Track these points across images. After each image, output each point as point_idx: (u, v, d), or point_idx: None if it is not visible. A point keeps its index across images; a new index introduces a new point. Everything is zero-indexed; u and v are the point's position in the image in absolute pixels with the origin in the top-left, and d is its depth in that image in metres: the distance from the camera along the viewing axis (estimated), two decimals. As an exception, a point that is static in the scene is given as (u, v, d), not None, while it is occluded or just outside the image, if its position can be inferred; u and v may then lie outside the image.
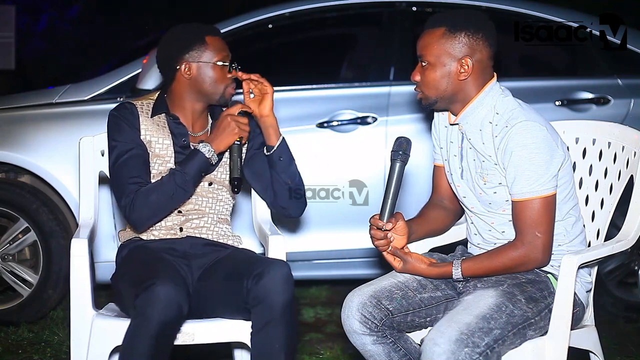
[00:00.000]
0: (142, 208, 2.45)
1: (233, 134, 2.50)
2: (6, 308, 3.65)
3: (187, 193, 2.51)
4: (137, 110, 2.58)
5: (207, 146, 2.48)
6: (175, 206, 2.53)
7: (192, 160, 2.48)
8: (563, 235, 2.32)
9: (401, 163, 2.27)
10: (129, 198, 2.45)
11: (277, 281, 2.31)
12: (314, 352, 3.36)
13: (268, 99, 2.57)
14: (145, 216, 2.48)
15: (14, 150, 3.61)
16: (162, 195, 2.46)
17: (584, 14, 3.96)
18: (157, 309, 2.22)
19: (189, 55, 2.54)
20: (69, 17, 9.85)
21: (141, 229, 2.55)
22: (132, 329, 2.25)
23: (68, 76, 6.05)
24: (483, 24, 2.30)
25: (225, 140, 2.50)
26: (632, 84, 3.83)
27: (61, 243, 3.59)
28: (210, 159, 2.49)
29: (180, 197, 2.49)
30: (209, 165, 2.50)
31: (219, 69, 2.55)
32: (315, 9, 3.90)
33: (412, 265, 2.32)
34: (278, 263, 2.38)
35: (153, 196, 2.45)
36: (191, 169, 2.47)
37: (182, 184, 2.46)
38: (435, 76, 2.29)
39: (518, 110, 2.25)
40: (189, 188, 2.49)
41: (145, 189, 2.46)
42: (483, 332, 2.06)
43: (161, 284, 2.24)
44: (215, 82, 2.55)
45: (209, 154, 2.48)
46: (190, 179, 2.47)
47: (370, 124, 3.71)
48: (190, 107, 2.60)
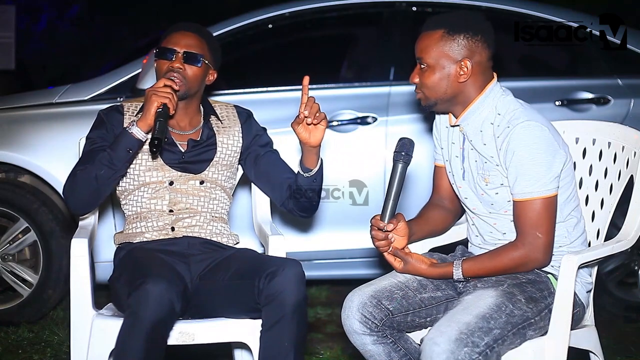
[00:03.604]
0: (72, 189, 2.49)
1: (151, 102, 2.43)
2: (6, 308, 3.65)
3: (112, 171, 2.48)
4: (123, 112, 2.64)
5: (134, 124, 2.46)
6: (106, 185, 2.50)
7: (119, 139, 2.47)
8: (564, 237, 2.32)
9: (403, 164, 2.27)
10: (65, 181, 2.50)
11: (291, 280, 2.31)
12: (314, 352, 3.36)
13: (322, 130, 2.46)
14: (76, 196, 2.50)
15: (14, 150, 3.61)
16: (88, 175, 2.46)
17: (584, 14, 3.96)
18: (149, 307, 2.22)
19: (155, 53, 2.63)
20: (69, 17, 9.85)
21: (78, 211, 2.60)
22: (125, 328, 2.25)
23: (68, 76, 6.06)
24: (482, 26, 2.30)
25: (146, 111, 2.44)
26: (632, 84, 3.83)
27: (61, 243, 3.60)
28: (133, 133, 2.44)
29: (104, 175, 2.47)
30: (135, 141, 2.45)
31: (157, 61, 2.61)
32: (315, 9, 3.90)
33: (413, 265, 2.32)
34: (291, 262, 2.38)
35: (81, 176, 2.47)
36: (116, 147, 2.46)
37: (107, 162, 2.46)
38: (434, 79, 2.29)
39: (520, 110, 2.25)
40: (113, 166, 2.47)
41: (74, 171, 2.50)
42: (483, 331, 2.06)
43: (152, 282, 2.24)
44: (159, 75, 2.59)
45: (134, 131, 2.44)
46: (115, 157, 2.45)
47: (370, 124, 3.71)
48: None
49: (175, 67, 2.56)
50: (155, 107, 2.43)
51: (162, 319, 2.24)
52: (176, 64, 2.57)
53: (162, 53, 2.59)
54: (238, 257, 2.54)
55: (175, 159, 2.61)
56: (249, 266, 2.43)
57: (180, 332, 2.40)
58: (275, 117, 3.60)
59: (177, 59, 2.57)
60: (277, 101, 3.76)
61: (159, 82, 2.50)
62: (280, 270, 2.32)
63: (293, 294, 2.30)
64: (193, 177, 2.61)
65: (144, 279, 2.25)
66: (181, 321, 2.46)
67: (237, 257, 2.53)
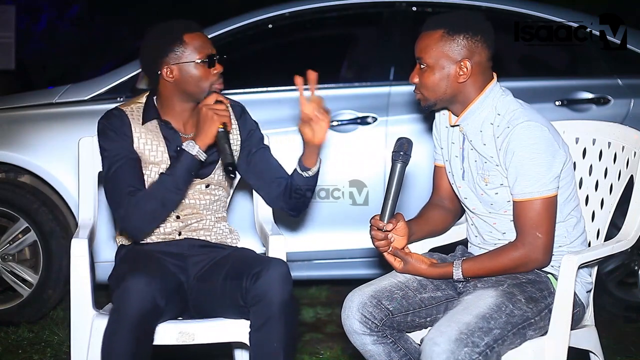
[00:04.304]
0: (137, 218, 2.42)
1: (213, 122, 2.40)
2: (6, 308, 3.65)
3: (179, 195, 2.47)
4: (127, 117, 2.53)
5: (190, 143, 2.42)
6: (171, 210, 2.50)
7: (179, 161, 2.42)
8: (564, 237, 2.32)
9: (402, 164, 2.27)
10: (124, 211, 2.42)
11: (275, 280, 2.31)
12: (314, 352, 3.36)
13: (325, 128, 2.45)
14: (141, 225, 2.45)
15: (14, 150, 3.61)
16: (155, 203, 2.42)
17: (584, 14, 3.96)
18: (130, 302, 2.22)
19: (169, 58, 2.48)
20: (69, 17, 9.85)
21: (140, 238, 2.53)
22: (109, 325, 2.26)
23: (68, 76, 6.05)
24: (481, 26, 2.30)
25: (207, 132, 2.41)
26: (632, 84, 3.83)
27: (61, 243, 3.59)
28: (196, 155, 2.41)
29: (172, 200, 2.46)
30: (197, 162, 2.43)
31: (201, 67, 2.48)
32: (315, 9, 3.90)
33: (413, 265, 2.32)
34: (276, 262, 2.38)
35: (146, 204, 2.41)
36: (179, 171, 2.41)
37: (173, 187, 2.42)
38: (434, 79, 2.29)
39: (519, 110, 2.25)
40: (180, 190, 2.44)
41: (137, 198, 2.42)
42: (483, 331, 2.06)
43: (132, 278, 2.25)
44: (199, 81, 2.48)
45: (194, 150, 2.40)
46: (181, 181, 2.43)
47: (370, 124, 3.71)
48: (180, 107, 2.55)
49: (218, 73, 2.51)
50: (217, 127, 2.39)
51: (145, 315, 2.24)
52: (218, 69, 2.50)
53: (210, 60, 2.49)
54: (232, 257, 2.54)
55: None
56: (237, 267, 2.43)
57: (180, 332, 2.40)
58: (275, 117, 3.61)
59: (217, 65, 2.51)
60: (277, 101, 3.75)
61: (210, 98, 2.44)
62: (265, 271, 2.32)
63: (278, 293, 2.30)
64: (200, 182, 2.59)
65: (125, 276, 2.27)
66: (181, 321, 2.47)
67: (231, 258, 2.53)
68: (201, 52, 2.48)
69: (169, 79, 2.49)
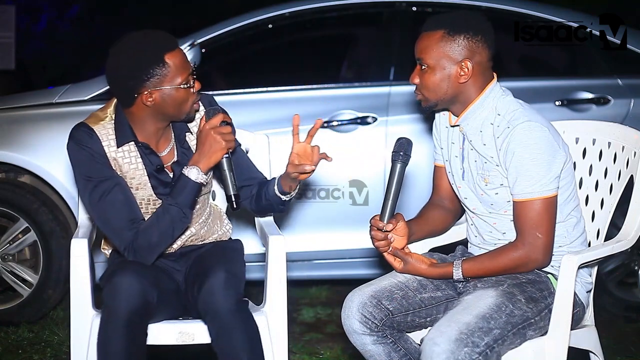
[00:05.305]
0: (146, 251, 2.35)
1: (220, 149, 2.30)
2: (6, 308, 3.65)
3: (186, 222, 2.40)
4: (99, 138, 2.37)
5: (194, 169, 2.31)
6: (177, 236, 2.43)
7: (184, 189, 2.33)
8: (564, 237, 2.32)
9: (402, 164, 2.27)
10: (128, 243, 2.35)
11: (215, 290, 2.27)
12: (314, 352, 3.36)
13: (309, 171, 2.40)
14: (151, 256, 2.38)
15: (14, 150, 3.61)
16: (163, 235, 2.35)
17: (584, 14, 3.96)
18: (120, 298, 2.22)
19: (150, 83, 2.29)
20: (69, 17, 9.85)
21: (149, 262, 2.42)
22: (101, 323, 2.25)
23: (68, 76, 6.05)
24: (482, 26, 2.29)
25: (211, 157, 2.30)
26: (632, 84, 3.83)
27: (61, 243, 3.59)
28: (198, 180, 2.32)
29: (180, 228, 2.39)
30: (199, 186, 2.35)
31: (183, 90, 2.32)
32: (315, 9, 3.90)
33: (413, 265, 2.32)
34: (214, 269, 2.32)
35: (153, 237, 2.33)
36: (185, 199, 2.33)
37: (179, 216, 2.34)
38: (434, 79, 2.28)
39: (520, 111, 2.25)
40: (186, 217, 2.37)
41: (143, 231, 2.33)
42: (483, 331, 2.06)
43: (120, 275, 2.25)
44: (181, 104, 2.34)
45: (199, 177, 2.32)
46: (187, 209, 2.35)
47: (370, 124, 3.71)
48: (154, 127, 2.41)
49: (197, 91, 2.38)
50: (223, 154, 2.30)
51: (136, 310, 2.24)
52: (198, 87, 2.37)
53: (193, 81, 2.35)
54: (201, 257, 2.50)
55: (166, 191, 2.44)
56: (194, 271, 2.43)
57: (180, 332, 2.40)
58: (275, 117, 3.61)
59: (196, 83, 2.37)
60: (277, 101, 3.75)
61: (216, 119, 2.31)
62: (204, 282, 2.29)
63: (220, 304, 2.26)
64: None
65: (114, 273, 2.27)
66: (181, 321, 2.47)
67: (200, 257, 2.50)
68: (182, 73, 2.31)
69: (149, 103, 2.32)
